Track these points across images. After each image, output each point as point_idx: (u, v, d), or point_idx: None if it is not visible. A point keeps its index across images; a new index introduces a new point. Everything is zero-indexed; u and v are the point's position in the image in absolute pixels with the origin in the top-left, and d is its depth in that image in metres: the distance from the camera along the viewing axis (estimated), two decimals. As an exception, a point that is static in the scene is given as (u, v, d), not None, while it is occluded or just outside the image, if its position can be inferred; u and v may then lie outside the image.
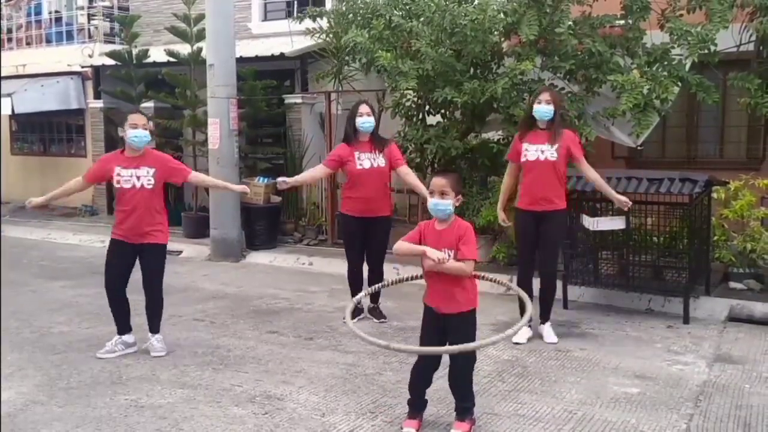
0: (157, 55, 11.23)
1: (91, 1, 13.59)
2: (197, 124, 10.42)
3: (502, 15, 7.32)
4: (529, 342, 5.57)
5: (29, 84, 13.09)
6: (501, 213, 5.95)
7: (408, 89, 7.64)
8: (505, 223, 6.00)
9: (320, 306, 6.65)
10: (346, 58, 8.79)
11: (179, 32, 10.64)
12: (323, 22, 8.89)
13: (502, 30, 7.41)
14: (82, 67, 12.94)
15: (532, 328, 5.63)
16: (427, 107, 8.44)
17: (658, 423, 4.05)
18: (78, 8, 13.62)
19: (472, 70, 7.84)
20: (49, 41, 13.90)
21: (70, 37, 13.60)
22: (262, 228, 9.61)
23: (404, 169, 6.01)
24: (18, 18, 14.45)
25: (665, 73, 7.04)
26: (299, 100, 10.51)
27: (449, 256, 3.71)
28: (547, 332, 5.64)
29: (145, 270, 5.28)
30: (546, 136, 5.44)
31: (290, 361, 5.14)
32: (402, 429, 3.92)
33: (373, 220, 5.96)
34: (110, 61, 11.89)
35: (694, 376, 4.81)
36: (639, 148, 7.96)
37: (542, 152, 5.43)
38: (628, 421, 4.09)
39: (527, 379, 4.77)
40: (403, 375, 4.02)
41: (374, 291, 4.97)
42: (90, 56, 12.85)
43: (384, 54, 7.38)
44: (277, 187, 6.06)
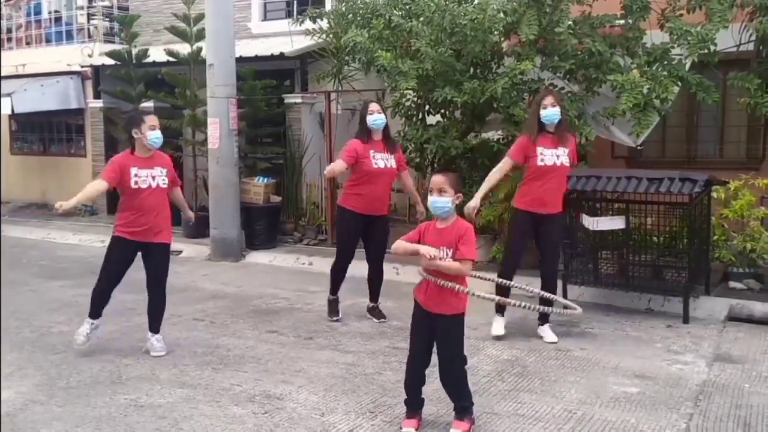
0: (157, 54, 11.22)
1: (90, 0, 13.57)
2: (197, 124, 10.42)
3: (501, 15, 7.31)
4: (529, 340, 5.59)
5: (29, 84, 13.06)
6: (478, 201, 5.57)
7: (408, 89, 7.63)
8: (472, 217, 5.53)
9: (320, 306, 6.64)
10: (346, 58, 8.77)
11: (179, 32, 10.64)
12: (323, 23, 8.89)
13: (501, 30, 7.40)
14: (82, 66, 12.92)
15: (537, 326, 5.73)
16: (427, 107, 8.43)
17: (658, 422, 4.05)
18: (78, 8, 13.58)
19: (471, 70, 7.83)
20: (48, 41, 13.87)
21: (69, 36, 13.58)
22: (262, 228, 9.61)
23: (407, 173, 6.34)
24: (18, 18, 14.43)
25: (665, 73, 7.04)
26: (299, 100, 10.49)
27: (447, 254, 3.71)
28: (547, 332, 5.66)
29: (153, 269, 5.26)
30: (556, 140, 5.45)
31: (290, 361, 5.14)
32: (401, 429, 3.92)
33: (374, 219, 6.00)
34: (110, 61, 11.88)
35: (694, 376, 4.81)
36: (639, 147, 7.97)
37: (557, 157, 5.44)
38: (627, 420, 4.08)
39: (527, 379, 4.77)
40: (402, 374, 4.01)
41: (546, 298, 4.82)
42: (90, 56, 12.83)
43: (384, 54, 7.38)
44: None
